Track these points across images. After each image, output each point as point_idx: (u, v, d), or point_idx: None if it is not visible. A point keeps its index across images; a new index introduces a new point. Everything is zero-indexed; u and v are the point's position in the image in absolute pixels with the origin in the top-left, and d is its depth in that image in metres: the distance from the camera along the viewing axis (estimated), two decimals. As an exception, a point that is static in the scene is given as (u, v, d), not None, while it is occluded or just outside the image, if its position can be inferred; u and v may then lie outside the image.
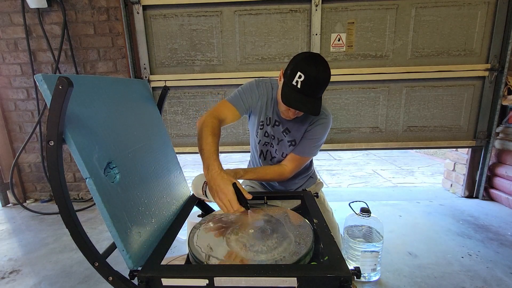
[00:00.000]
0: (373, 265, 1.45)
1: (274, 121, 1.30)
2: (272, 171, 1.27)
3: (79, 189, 2.77)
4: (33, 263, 1.75)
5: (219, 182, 0.94)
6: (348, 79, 2.35)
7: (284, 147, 1.32)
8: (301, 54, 1.10)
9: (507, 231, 1.96)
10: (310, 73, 1.02)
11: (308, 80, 1.03)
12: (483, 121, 2.40)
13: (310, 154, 1.29)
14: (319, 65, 1.04)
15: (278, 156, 1.35)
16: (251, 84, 1.30)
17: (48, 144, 0.63)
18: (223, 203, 0.93)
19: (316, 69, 1.03)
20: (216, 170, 0.96)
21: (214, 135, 1.08)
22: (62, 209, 0.67)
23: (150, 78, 2.43)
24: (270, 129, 1.32)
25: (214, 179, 0.95)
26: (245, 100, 1.27)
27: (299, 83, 1.03)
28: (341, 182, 3.55)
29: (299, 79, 1.03)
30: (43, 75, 0.65)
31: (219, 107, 1.24)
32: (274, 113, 1.30)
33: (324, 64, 1.05)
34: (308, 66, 1.03)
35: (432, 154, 5.03)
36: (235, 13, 2.30)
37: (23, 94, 2.55)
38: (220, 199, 0.94)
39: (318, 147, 1.29)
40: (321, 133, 1.26)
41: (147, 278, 0.69)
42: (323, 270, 0.69)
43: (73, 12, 2.35)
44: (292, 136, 1.29)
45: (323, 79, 1.05)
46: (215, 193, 0.95)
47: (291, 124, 1.28)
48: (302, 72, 1.03)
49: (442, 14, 2.23)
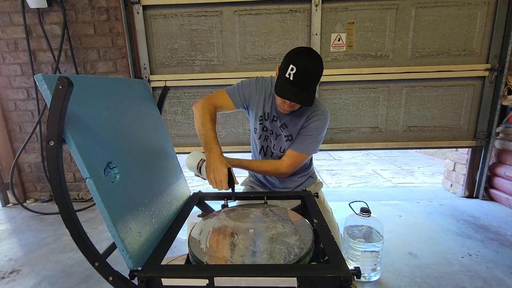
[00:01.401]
0: (373, 265, 1.45)
1: (273, 116, 1.34)
2: (267, 164, 1.32)
3: (79, 189, 2.77)
4: (33, 263, 1.75)
5: (217, 163, 1.04)
6: (348, 79, 2.35)
7: (281, 142, 1.35)
8: (294, 49, 1.15)
9: (507, 231, 1.96)
10: (302, 66, 1.07)
11: (300, 72, 1.08)
12: (483, 121, 2.40)
13: (308, 151, 1.30)
14: (311, 58, 1.09)
15: (276, 151, 1.38)
16: (250, 80, 1.37)
17: (48, 144, 0.63)
18: (215, 180, 1.03)
19: (308, 62, 1.08)
20: (218, 153, 1.08)
21: (212, 121, 1.21)
22: (62, 209, 0.67)
23: (150, 78, 2.43)
24: (268, 124, 1.36)
25: (213, 160, 1.06)
26: (241, 94, 1.34)
27: (291, 75, 1.08)
28: (341, 182, 3.55)
29: (291, 71, 1.08)
30: (43, 75, 0.65)
31: (216, 95, 1.34)
32: (272, 108, 1.34)
33: (316, 57, 1.11)
34: (300, 59, 1.08)
35: (432, 154, 5.03)
36: (235, 13, 2.30)
37: (23, 94, 2.55)
38: (213, 176, 1.03)
39: (315, 144, 1.30)
40: (317, 129, 1.28)
41: (147, 278, 0.69)
42: (323, 270, 0.69)
43: (73, 12, 2.35)
44: (289, 131, 1.32)
45: (314, 72, 1.10)
46: (211, 171, 1.04)
47: (288, 120, 1.31)
48: (294, 64, 1.08)
49: (442, 14, 2.23)
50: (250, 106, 1.38)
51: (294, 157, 1.30)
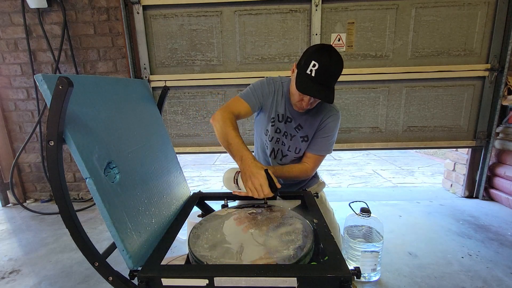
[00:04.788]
0: (373, 265, 1.45)
1: (287, 117, 1.33)
2: (296, 168, 1.32)
3: (79, 189, 2.77)
4: (33, 263, 1.75)
5: (253, 168, 0.97)
6: (348, 79, 2.34)
7: (297, 142, 1.35)
8: (314, 45, 1.14)
9: (507, 231, 1.96)
10: (324, 62, 1.06)
11: (322, 69, 1.06)
12: (483, 121, 2.40)
13: (327, 151, 1.34)
14: (332, 55, 1.07)
15: (291, 152, 1.37)
16: (262, 82, 1.33)
17: (48, 144, 0.63)
18: (255, 187, 0.95)
19: (330, 58, 1.07)
20: (251, 158, 1.00)
21: (236, 129, 1.13)
22: (62, 209, 0.66)
23: (150, 78, 2.43)
24: (282, 126, 1.34)
25: (248, 166, 0.98)
26: (257, 97, 1.30)
27: (313, 71, 1.06)
28: (341, 182, 3.55)
29: (313, 67, 1.06)
30: (43, 75, 0.65)
31: (232, 102, 1.28)
32: (286, 109, 1.32)
33: (337, 54, 1.09)
34: (321, 56, 1.06)
35: (432, 154, 5.03)
36: (235, 13, 2.30)
37: (23, 94, 2.55)
38: (252, 183, 0.95)
39: (332, 144, 1.34)
40: (334, 129, 1.31)
41: (147, 278, 0.69)
42: (323, 270, 0.68)
43: (73, 12, 2.35)
44: (304, 132, 1.32)
45: (336, 68, 1.09)
46: (248, 178, 0.97)
47: (303, 120, 1.31)
48: (316, 61, 1.06)
49: (442, 14, 2.23)
50: (263, 108, 1.35)
51: (316, 159, 1.33)
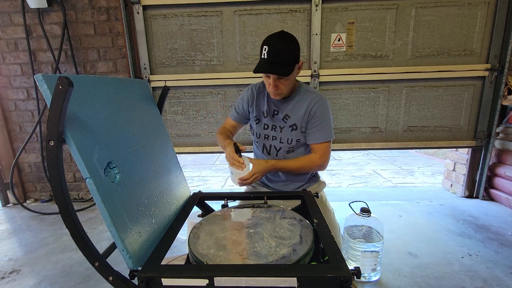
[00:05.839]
0: (373, 265, 1.45)
1: (273, 111, 1.40)
2: (301, 160, 1.38)
3: (79, 189, 2.77)
4: (33, 263, 1.75)
5: (225, 148, 1.30)
6: (348, 79, 2.35)
7: (288, 133, 1.39)
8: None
9: (507, 231, 1.96)
10: (272, 43, 1.20)
11: (271, 49, 1.19)
12: (483, 121, 2.40)
13: (328, 137, 1.37)
14: (281, 37, 1.21)
15: (284, 144, 1.41)
16: (243, 93, 1.49)
17: (48, 144, 0.63)
18: (228, 158, 1.25)
19: (278, 40, 1.20)
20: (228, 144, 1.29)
21: (222, 133, 1.46)
22: (62, 209, 0.67)
23: (150, 78, 2.43)
24: (269, 120, 1.41)
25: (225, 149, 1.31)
26: (239, 110, 1.49)
27: (265, 54, 1.20)
28: (341, 182, 3.55)
29: (264, 51, 1.21)
30: (43, 75, 0.65)
31: (226, 121, 1.58)
32: (270, 104, 1.40)
33: (286, 34, 1.22)
34: (271, 39, 1.21)
35: (432, 154, 5.03)
36: (235, 13, 2.30)
37: (23, 94, 2.55)
38: (226, 157, 1.27)
39: (330, 128, 1.36)
40: (325, 114, 1.34)
41: (147, 278, 0.69)
42: (323, 270, 0.69)
43: (73, 12, 2.35)
44: (292, 120, 1.37)
45: (285, 47, 1.20)
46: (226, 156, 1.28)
47: (289, 110, 1.37)
48: (266, 44, 1.21)
49: (442, 14, 2.23)
50: (250, 114, 1.48)
51: (321, 148, 1.36)
